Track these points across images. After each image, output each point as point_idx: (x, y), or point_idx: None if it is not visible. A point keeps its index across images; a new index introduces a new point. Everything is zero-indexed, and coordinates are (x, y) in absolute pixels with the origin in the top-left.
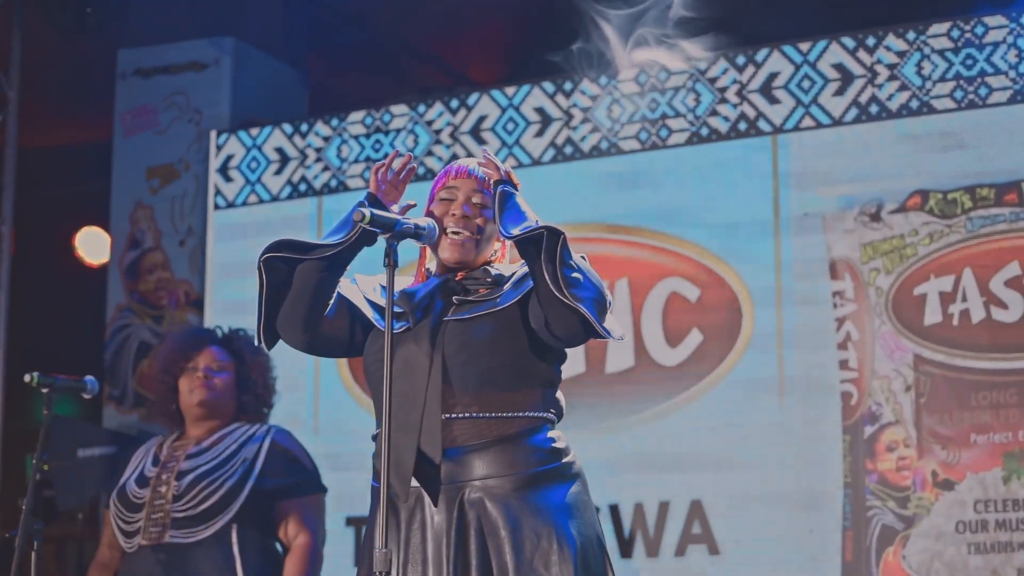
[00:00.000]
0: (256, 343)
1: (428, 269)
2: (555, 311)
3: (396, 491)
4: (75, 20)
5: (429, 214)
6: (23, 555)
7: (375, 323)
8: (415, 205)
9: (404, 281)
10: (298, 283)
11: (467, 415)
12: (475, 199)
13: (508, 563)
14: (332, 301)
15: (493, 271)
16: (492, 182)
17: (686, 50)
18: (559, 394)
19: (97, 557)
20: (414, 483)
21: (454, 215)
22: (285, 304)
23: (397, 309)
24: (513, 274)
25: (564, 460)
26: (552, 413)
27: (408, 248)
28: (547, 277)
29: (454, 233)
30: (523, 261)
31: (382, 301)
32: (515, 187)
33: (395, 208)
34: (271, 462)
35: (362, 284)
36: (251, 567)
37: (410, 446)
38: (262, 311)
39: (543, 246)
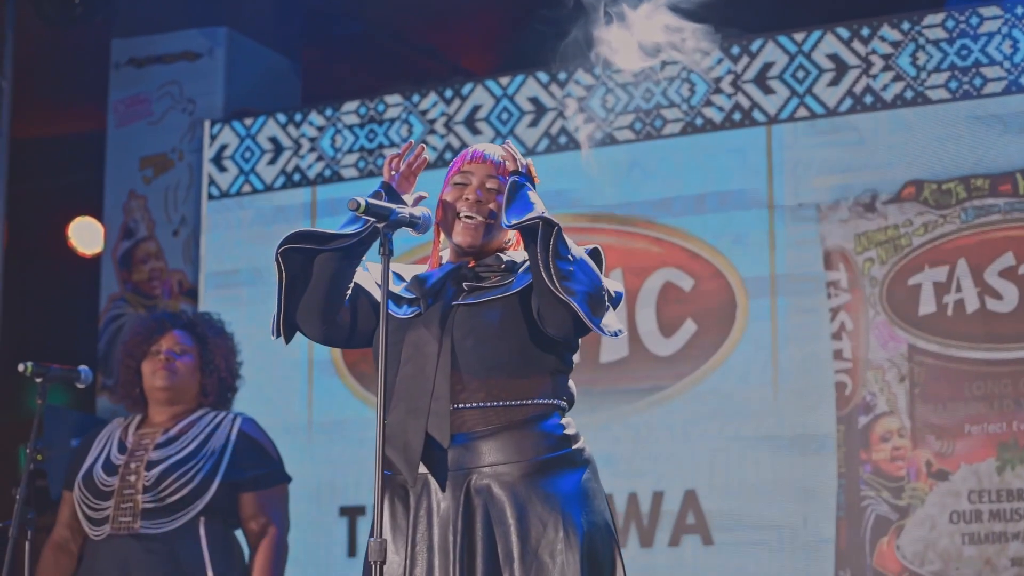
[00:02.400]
0: (274, 336)
1: (441, 256)
2: (547, 303)
3: (404, 476)
4: (62, 11)
5: (443, 199)
6: (17, 544)
7: (387, 311)
8: (427, 196)
9: (418, 268)
10: (316, 274)
11: (475, 404)
12: (489, 184)
13: (514, 551)
14: (349, 291)
15: (506, 258)
16: (508, 172)
17: (681, 40)
18: (571, 382)
19: (53, 537)
20: (422, 469)
21: (467, 199)
22: (304, 296)
23: (409, 295)
24: (525, 261)
25: (574, 447)
26: (562, 400)
27: (413, 237)
28: (540, 267)
29: (467, 217)
30: None
31: (395, 288)
32: (531, 180)
33: (407, 198)
34: (239, 453)
35: (375, 272)
36: (218, 558)
37: (419, 431)
38: (281, 303)
39: (538, 236)
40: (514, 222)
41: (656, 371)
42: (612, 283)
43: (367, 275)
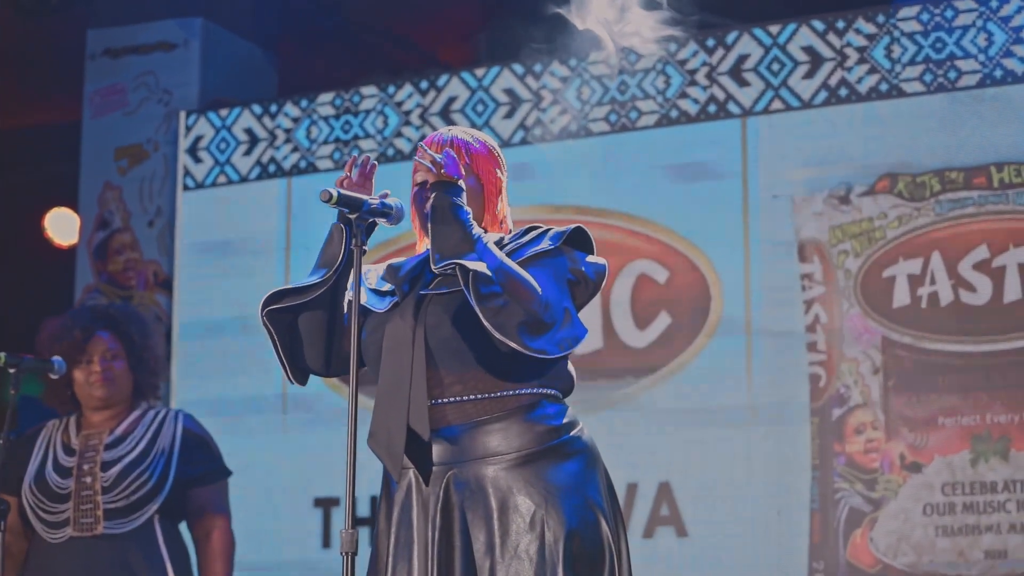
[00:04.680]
0: (291, 383)
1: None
2: (490, 335)
3: (389, 470)
4: (38, 1)
5: (412, 197)
6: None
7: (370, 308)
8: (389, 193)
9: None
10: (306, 326)
11: (452, 399)
12: None
13: (494, 546)
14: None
15: None
16: (429, 185)
17: (657, 31)
18: (569, 366)
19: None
20: (407, 463)
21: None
22: (306, 347)
23: (386, 286)
24: (501, 240)
25: (568, 435)
26: (552, 388)
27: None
28: (474, 308)
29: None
30: (524, 227)
31: (383, 287)
32: (454, 184)
33: (374, 196)
34: (187, 450)
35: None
36: (175, 555)
37: (400, 424)
38: (283, 360)
39: (460, 279)
40: (435, 269)
41: (630, 363)
42: (588, 262)
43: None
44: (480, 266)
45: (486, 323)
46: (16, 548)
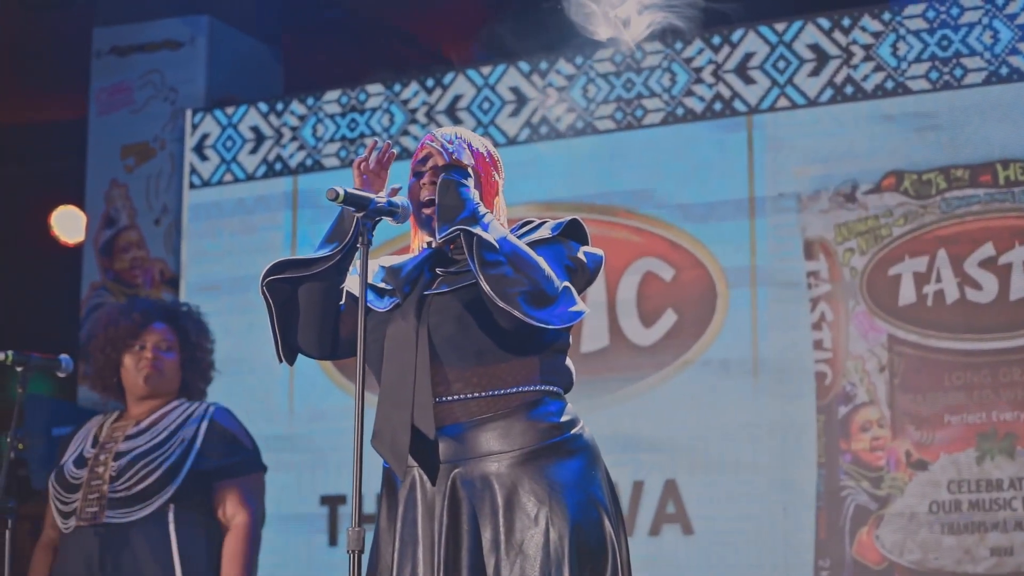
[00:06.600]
0: (280, 362)
1: (428, 243)
2: (491, 306)
3: (394, 469)
4: None
5: (410, 192)
6: None
7: (370, 305)
8: (400, 188)
9: (401, 258)
10: (304, 301)
11: (457, 396)
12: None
13: (499, 542)
14: (342, 302)
15: None
16: (438, 168)
17: (663, 29)
18: (567, 362)
19: (42, 538)
20: (411, 461)
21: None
22: (300, 322)
23: (387, 286)
24: None
25: (568, 434)
26: (553, 385)
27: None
28: (475, 275)
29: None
30: (521, 221)
31: (380, 284)
32: (463, 170)
33: (381, 195)
34: (210, 442)
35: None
36: (187, 546)
37: (404, 424)
38: (276, 333)
39: (464, 247)
40: (439, 238)
41: (636, 361)
42: (586, 252)
43: (355, 278)
44: (485, 234)
45: (488, 290)
46: (53, 539)
